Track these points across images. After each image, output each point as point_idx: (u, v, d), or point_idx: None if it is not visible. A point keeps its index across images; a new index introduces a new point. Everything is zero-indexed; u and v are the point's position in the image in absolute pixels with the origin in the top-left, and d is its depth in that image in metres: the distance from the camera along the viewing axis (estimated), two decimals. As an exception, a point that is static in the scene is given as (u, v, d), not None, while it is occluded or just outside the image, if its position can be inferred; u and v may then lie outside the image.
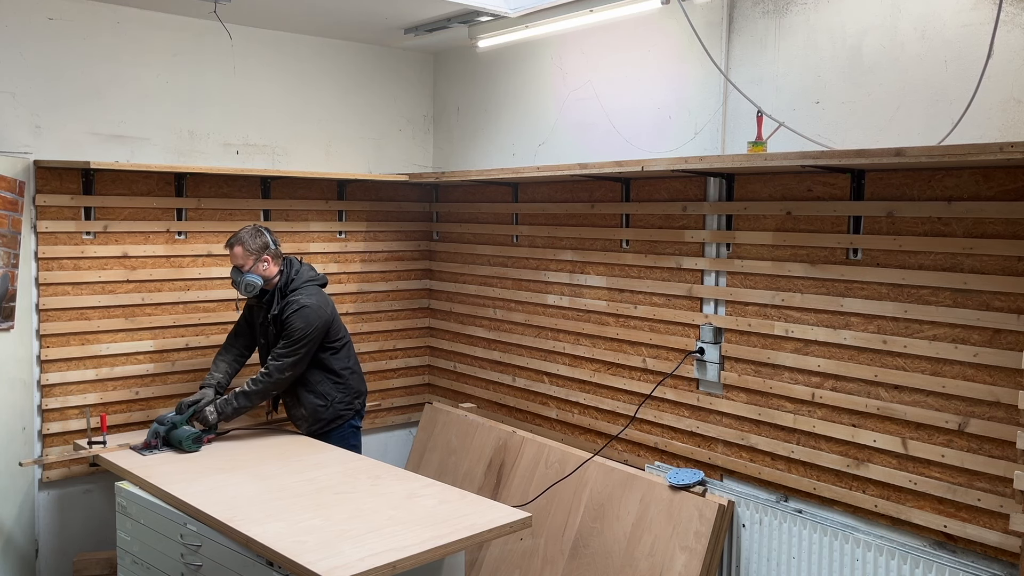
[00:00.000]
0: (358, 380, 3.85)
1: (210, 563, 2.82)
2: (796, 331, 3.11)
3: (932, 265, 2.76)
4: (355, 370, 3.84)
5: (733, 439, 3.35)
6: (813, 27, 3.08)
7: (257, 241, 3.58)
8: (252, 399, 3.60)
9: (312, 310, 3.57)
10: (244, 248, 3.57)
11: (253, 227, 3.65)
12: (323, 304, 3.66)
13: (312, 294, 3.64)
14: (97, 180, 3.75)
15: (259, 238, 3.60)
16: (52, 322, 3.67)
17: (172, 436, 3.48)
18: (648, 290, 3.65)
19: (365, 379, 3.96)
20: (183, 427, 3.51)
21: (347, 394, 3.76)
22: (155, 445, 3.46)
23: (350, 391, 3.78)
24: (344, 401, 3.75)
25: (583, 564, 3.48)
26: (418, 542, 2.56)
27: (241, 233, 3.61)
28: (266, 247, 3.60)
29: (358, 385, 3.84)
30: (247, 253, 3.57)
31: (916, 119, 2.81)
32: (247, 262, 3.57)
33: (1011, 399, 2.56)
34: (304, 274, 3.70)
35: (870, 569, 2.86)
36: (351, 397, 3.78)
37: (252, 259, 3.57)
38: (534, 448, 3.89)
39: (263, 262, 3.60)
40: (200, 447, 3.49)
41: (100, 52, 3.77)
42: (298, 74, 4.38)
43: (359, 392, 3.84)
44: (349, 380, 3.78)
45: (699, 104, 3.47)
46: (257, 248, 3.58)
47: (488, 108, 4.54)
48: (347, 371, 3.77)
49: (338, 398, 3.73)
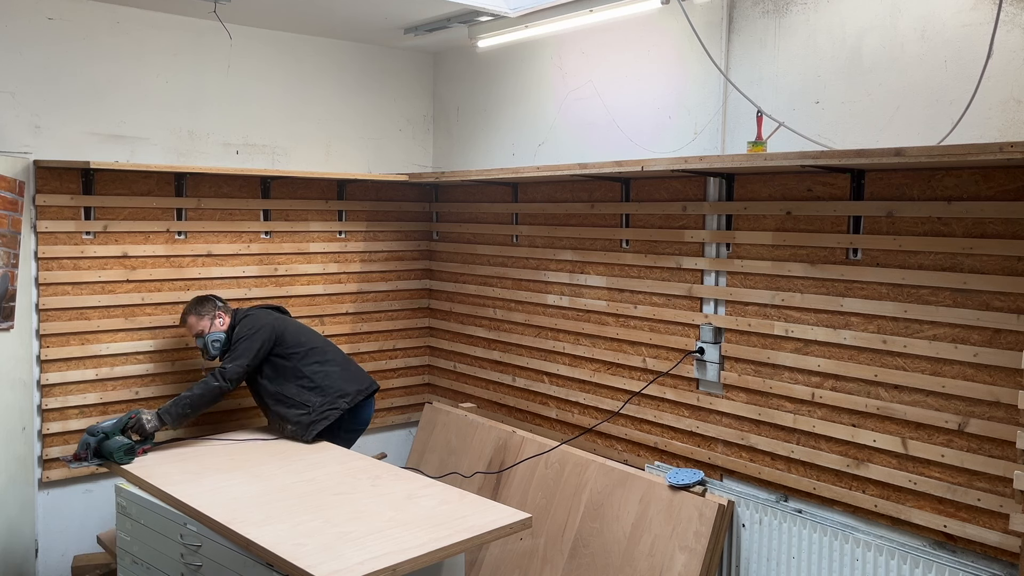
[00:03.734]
0: (336, 379, 3.78)
1: (210, 563, 2.82)
2: (796, 331, 3.11)
3: (932, 265, 2.76)
4: (329, 371, 3.78)
5: (733, 439, 3.35)
6: (813, 27, 3.08)
7: (204, 306, 3.78)
8: (195, 402, 3.55)
9: (251, 318, 3.78)
10: (196, 316, 3.76)
11: (194, 298, 3.82)
12: (262, 315, 3.81)
13: (252, 313, 3.83)
14: (97, 180, 3.75)
15: (204, 303, 3.79)
16: (52, 322, 3.68)
17: (104, 447, 3.31)
18: (648, 290, 3.65)
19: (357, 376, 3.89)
20: (115, 437, 3.33)
21: (326, 395, 3.71)
22: (84, 457, 3.31)
23: (329, 392, 3.73)
24: (326, 403, 3.70)
25: (583, 564, 3.48)
26: (418, 544, 2.56)
27: (186, 308, 3.79)
28: (214, 306, 3.79)
29: (338, 384, 3.77)
30: (200, 318, 3.75)
31: (916, 119, 2.81)
32: (204, 326, 3.75)
33: (1011, 399, 2.56)
34: (245, 308, 3.91)
35: (870, 569, 2.86)
36: (333, 396, 3.73)
37: (207, 321, 3.76)
38: (534, 448, 3.89)
39: (217, 319, 3.77)
40: (132, 459, 3.32)
41: (100, 52, 3.77)
42: (298, 74, 4.38)
43: (341, 391, 3.76)
44: (323, 382, 3.73)
45: (699, 104, 3.47)
46: (207, 311, 3.77)
47: (488, 108, 4.54)
48: (319, 374, 3.74)
49: (317, 402, 3.69)
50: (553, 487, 3.72)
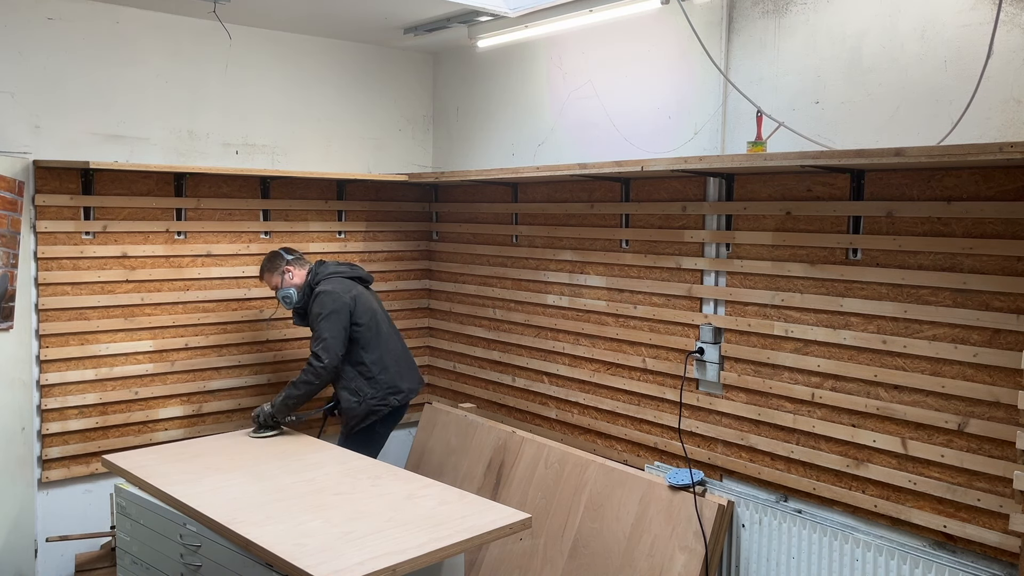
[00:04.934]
0: (392, 373, 3.84)
1: (209, 563, 2.82)
2: (796, 331, 3.11)
3: (932, 265, 2.76)
4: (387, 364, 3.83)
5: (733, 439, 3.35)
6: (813, 27, 3.08)
7: (274, 261, 3.88)
8: (297, 388, 3.71)
9: (327, 294, 3.75)
10: (267, 272, 3.88)
11: (270, 252, 3.93)
12: (340, 290, 3.78)
13: (331, 282, 3.81)
14: (96, 180, 3.75)
15: (274, 259, 3.88)
16: (51, 322, 3.67)
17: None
18: (648, 290, 3.65)
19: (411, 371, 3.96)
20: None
21: (379, 389, 3.79)
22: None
23: (381, 386, 3.80)
24: (376, 396, 3.78)
25: (582, 564, 3.48)
26: (418, 544, 2.56)
27: (262, 263, 3.92)
28: (283, 260, 3.87)
29: (394, 380, 3.84)
30: (271, 274, 3.87)
31: (916, 119, 2.81)
32: (275, 281, 3.86)
33: (1011, 399, 2.56)
34: (328, 268, 3.90)
35: (870, 569, 2.86)
36: (384, 392, 3.80)
37: (278, 277, 3.86)
38: (534, 448, 3.89)
39: (286, 274, 3.85)
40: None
41: (100, 52, 3.76)
42: (298, 74, 4.38)
43: (394, 387, 3.83)
44: (379, 374, 3.79)
45: (699, 104, 3.47)
46: (276, 267, 3.86)
47: (488, 108, 4.54)
48: (376, 365, 3.79)
49: (370, 394, 3.77)
50: (553, 487, 3.72)
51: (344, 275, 3.89)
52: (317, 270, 3.87)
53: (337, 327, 3.70)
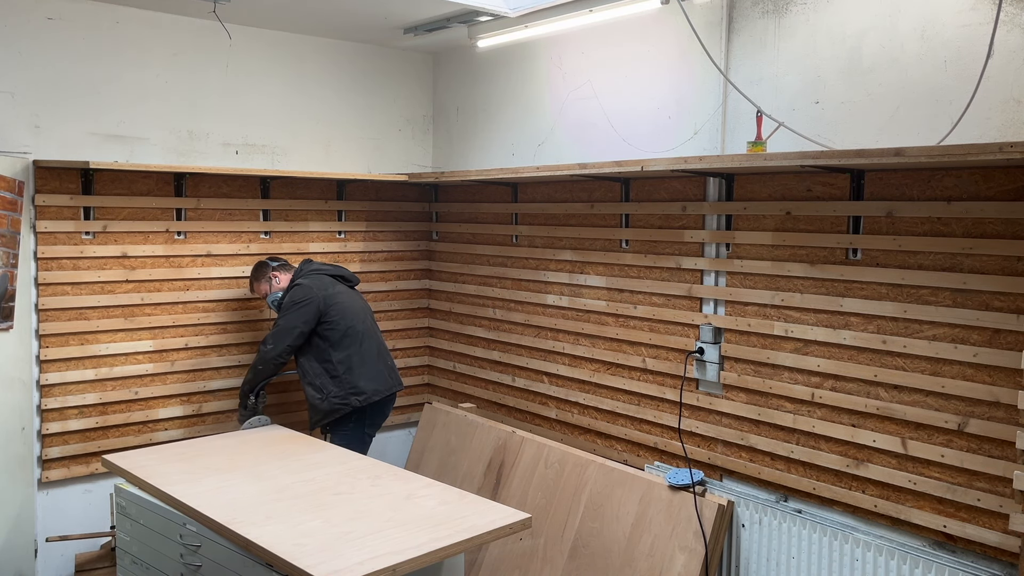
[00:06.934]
0: (358, 373, 3.83)
1: (209, 563, 2.82)
2: (796, 331, 3.11)
3: (932, 265, 2.76)
4: (353, 365, 3.83)
5: (733, 439, 3.35)
6: (813, 27, 3.08)
7: (260, 270, 3.99)
8: (249, 372, 3.89)
9: (299, 287, 3.85)
10: (255, 281, 4.00)
11: (256, 263, 4.05)
12: (314, 286, 3.84)
13: (309, 278, 3.90)
14: (96, 180, 3.75)
15: (261, 268, 4.00)
16: (51, 322, 3.67)
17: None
18: (648, 290, 3.65)
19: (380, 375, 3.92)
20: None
21: (341, 388, 3.80)
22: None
23: (345, 385, 3.80)
24: (339, 396, 3.78)
25: (582, 564, 3.48)
26: (418, 544, 2.56)
27: (249, 275, 4.06)
28: (268, 268, 3.98)
29: (357, 381, 3.82)
30: (259, 283, 3.99)
31: (916, 119, 2.81)
32: (264, 288, 3.99)
33: (1011, 399, 2.56)
34: (312, 266, 4.00)
35: (870, 569, 2.86)
36: (346, 391, 3.79)
37: (265, 284, 3.98)
38: (533, 448, 3.89)
39: (273, 279, 3.97)
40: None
41: (99, 52, 3.76)
42: (297, 74, 4.38)
43: (356, 388, 3.81)
44: (344, 374, 3.79)
45: (698, 104, 3.47)
46: (263, 275, 3.98)
47: (488, 108, 4.54)
48: (342, 364, 3.81)
49: (333, 392, 3.79)
50: (553, 487, 3.72)
51: (326, 273, 3.96)
52: (301, 267, 3.98)
53: (296, 320, 3.77)
